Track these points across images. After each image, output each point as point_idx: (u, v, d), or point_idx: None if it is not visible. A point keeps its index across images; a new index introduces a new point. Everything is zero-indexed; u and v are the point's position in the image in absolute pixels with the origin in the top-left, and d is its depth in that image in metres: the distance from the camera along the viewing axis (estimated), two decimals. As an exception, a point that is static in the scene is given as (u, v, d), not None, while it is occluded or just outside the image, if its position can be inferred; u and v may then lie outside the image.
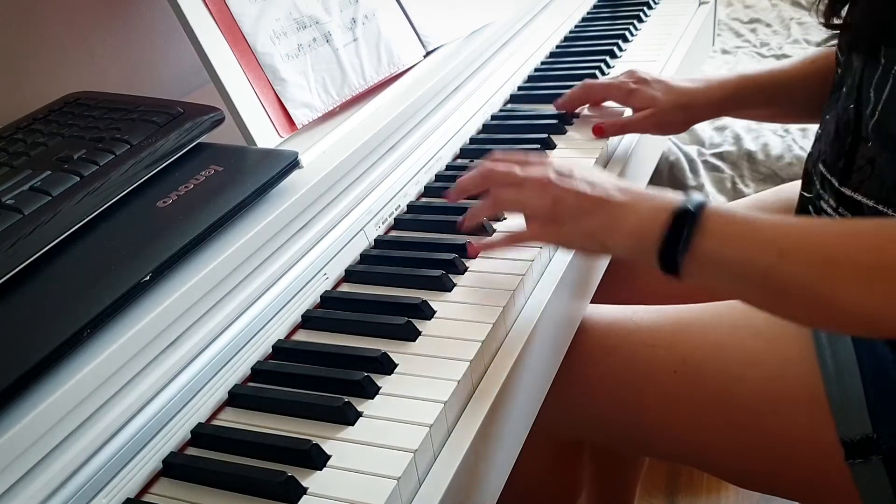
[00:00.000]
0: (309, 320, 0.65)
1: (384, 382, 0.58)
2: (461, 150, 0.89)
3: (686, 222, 0.56)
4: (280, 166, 0.65)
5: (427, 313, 0.64)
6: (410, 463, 0.50)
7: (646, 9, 1.25)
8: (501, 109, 0.98)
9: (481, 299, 0.65)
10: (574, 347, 0.75)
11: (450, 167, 0.86)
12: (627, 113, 0.91)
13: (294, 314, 0.64)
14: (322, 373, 0.59)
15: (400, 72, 0.85)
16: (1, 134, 0.68)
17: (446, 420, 0.55)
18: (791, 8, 2.08)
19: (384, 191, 0.76)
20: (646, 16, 1.24)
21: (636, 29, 1.19)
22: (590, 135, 0.88)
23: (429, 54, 0.89)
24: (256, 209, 0.63)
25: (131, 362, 0.52)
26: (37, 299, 0.52)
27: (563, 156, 0.87)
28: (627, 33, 1.16)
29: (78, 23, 0.85)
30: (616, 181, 0.62)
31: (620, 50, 1.12)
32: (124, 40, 0.90)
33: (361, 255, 0.72)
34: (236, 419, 0.57)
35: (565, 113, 0.93)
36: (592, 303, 0.80)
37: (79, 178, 0.60)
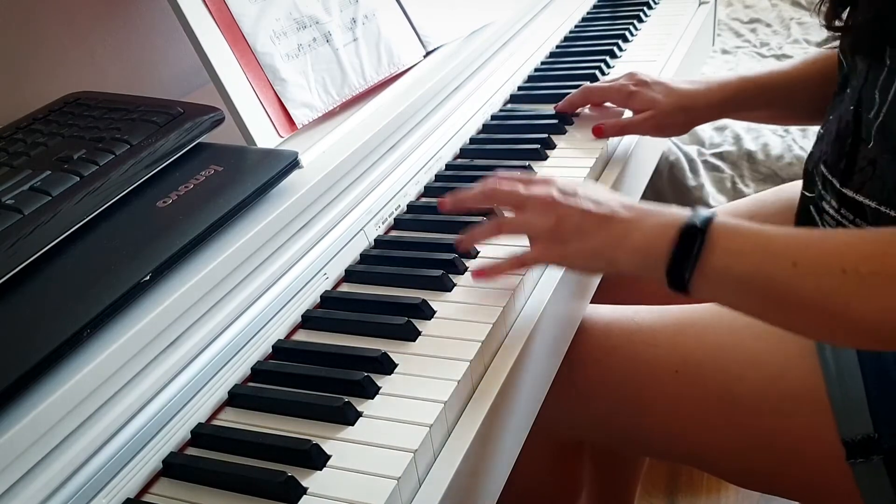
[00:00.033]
0: (309, 320, 0.65)
1: (384, 382, 0.58)
2: (461, 150, 0.89)
3: (693, 238, 0.56)
4: (280, 166, 0.65)
5: (427, 313, 0.64)
6: (410, 463, 0.50)
7: (646, 9, 1.25)
8: (501, 109, 0.98)
9: (481, 299, 0.65)
10: (574, 347, 0.75)
11: (450, 167, 0.86)
12: (628, 114, 0.91)
13: (294, 314, 0.64)
14: (322, 373, 0.59)
15: (400, 72, 0.85)
16: (1, 134, 0.68)
17: (446, 420, 0.55)
18: (791, 8, 2.08)
19: (384, 191, 0.76)
20: (646, 16, 1.24)
21: (636, 29, 1.19)
22: (590, 135, 0.88)
23: (429, 54, 0.89)
24: (256, 209, 0.63)
25: (131, 362, 0.52)
26: (37, 299, 0.52)
27: (562, 155, 0.87)
28: (627, 33, 1.16)
29: (78, 23, 0.85)
30: (621, 199, 0.62)
31: (620, 50, 1.12)
32: (124, 40, 0.90)
33: (361, 255, 0.72)
34: (236, 419, 0.57)
35: (565, 113, 0.93)
36: (592, 303, 0.80)
37: (79, 178, 0.60)
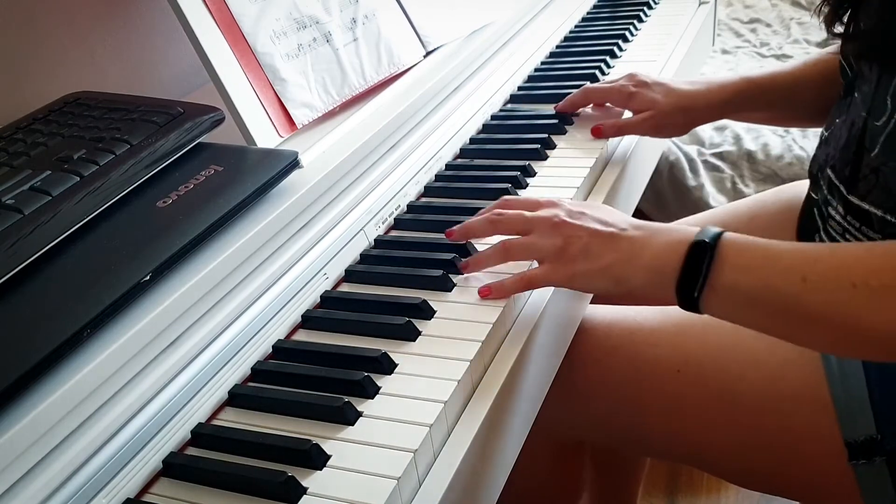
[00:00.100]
0: (309, 320, 0.65)
1: (384, 382, 0.58)
2: (461, 150, 0.89)
3: (703, 255, 0.56)
4: (280, 166, 0.65)
5: (427, 313, 0.64)
6: (410, 463, 0.50)
7: (646, 9, 1.25)
8: (501, 109, 0.98)
9: (481, 299, 0.65)
10: (575, 347, 0.75)
11: (450, 167, 0.86)
12: (627, 115, 0.91)
13: (294, 314, 0.64)
14: (322, 373, 0.59)
15: (400, 72, 0.85)
16: (1, 134, 0.68)
17: (446, 420, 0.55)
18: (791, 8, 2.08)
19: (384, 191, 0.76)
20: (646, 16, 1.24)
21: (636, 29, 1.19)
22: (590, 135, 0.88)
23: (429, 54, 0.89)
24: (256, 209, 0.63)
25: (131, 362, 0.52)
26: (37, 299, 0.52)
27: (562, 155, 0.87)
28: (627, 33, 1.16)
29: (78, 23, 0.85)
30: (629, 218, 0.62)
31: (620, 50, 1.12)
32: (124, 40, 0.90)
33: (361, 254, 0.72)
34: (236, 419, 0.57)
35: (566, 113, 0.93)
36: (592, 303, 0.80)
37: (79, 178, 0.60)
